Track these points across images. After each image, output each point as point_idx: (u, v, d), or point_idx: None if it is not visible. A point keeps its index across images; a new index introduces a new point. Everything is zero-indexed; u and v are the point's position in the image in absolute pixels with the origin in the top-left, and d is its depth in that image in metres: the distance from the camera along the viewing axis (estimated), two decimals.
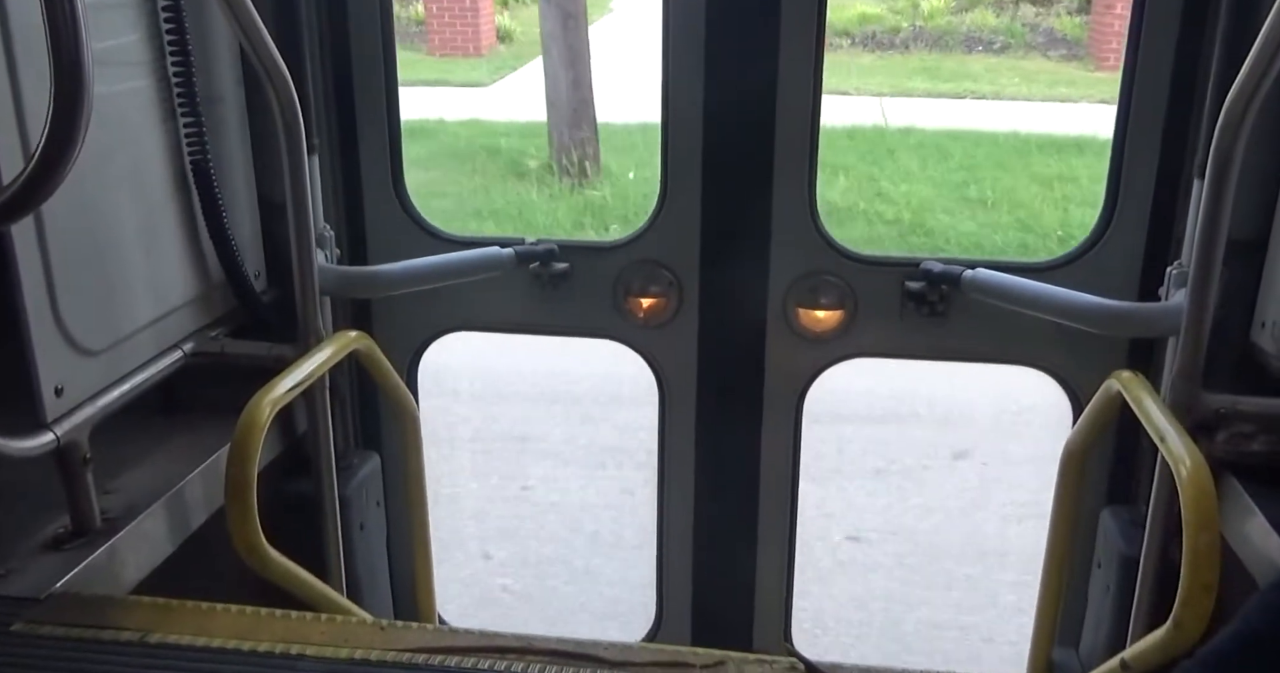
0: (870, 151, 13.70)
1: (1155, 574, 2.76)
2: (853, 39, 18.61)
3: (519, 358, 8.16)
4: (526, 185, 13.11)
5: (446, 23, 18.94)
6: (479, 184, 13.26)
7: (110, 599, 2.38)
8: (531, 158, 13.73)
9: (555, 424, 7.92)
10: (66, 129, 1.81)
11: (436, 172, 13.45)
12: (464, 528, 6.52)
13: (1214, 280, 2.53)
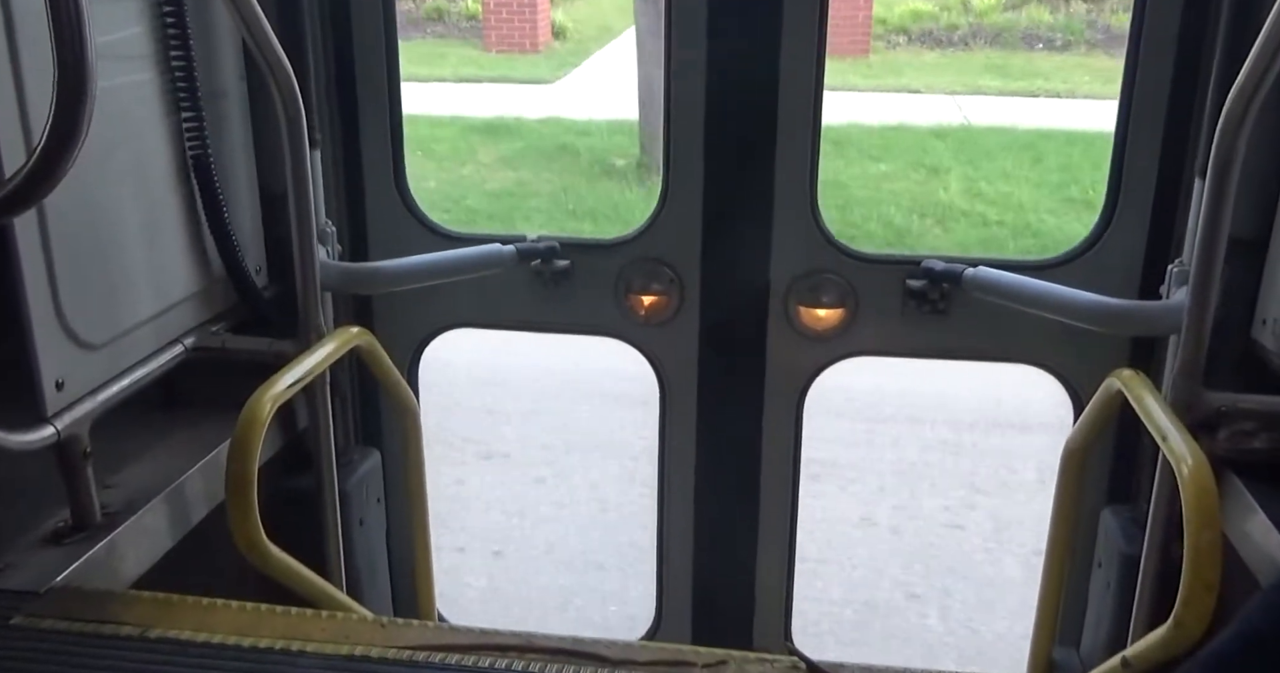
0: (962, 152, 13.59)
1: (1156, 573, 2.76)
2: (909, 36, 18.61)
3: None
4: (615, 184, 13.04)
5: (504, 19, 18.95)
6: (569, 183, 13.19)
7: (110, 594, 2.37)
8: (618, 156, 13.67)
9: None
10: (69, 123, 1.81)
11: (525, 171, 13.44)
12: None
13: (1215, 279, 2.53)
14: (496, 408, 8.13)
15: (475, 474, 7.18)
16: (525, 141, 14.38)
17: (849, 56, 17.69)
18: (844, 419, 7.72)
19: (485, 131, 14.80)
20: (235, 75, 3.06)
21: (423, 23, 20.41)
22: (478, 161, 14.00)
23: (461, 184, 13.25)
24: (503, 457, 7.49)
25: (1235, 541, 2.56)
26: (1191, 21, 2.90)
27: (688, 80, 3.21)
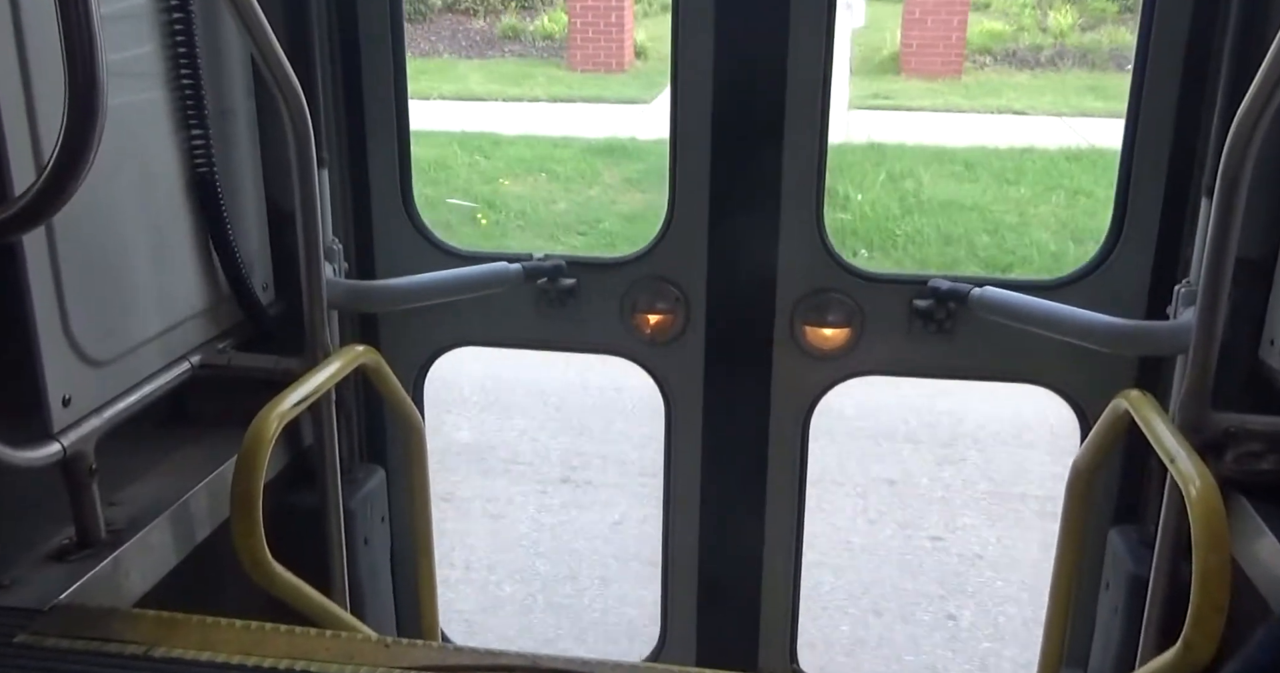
0: (1105, 176, 13.49)
1: (1165, 595, 2.75)
2: (994, 56, 18.60)
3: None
4: None
5: (589, 38, 19.00)
6: None
7: (114, 612, 2.36)
8: None
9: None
10: (80, 140, 1.82)
11: (652, 193, 13.36)
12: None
13: (1222, 299, 2.52)
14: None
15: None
16: (645, 163, 14.35)
17: (941, 77, 17.76)
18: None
19: (604, 153, 14.78)
20: (244, 93, 3.07)
21: (498, 42, 20.59)
22: (603, 183, 13.99)
23: (591, 206, 13.22)
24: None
25: (1244, 562, 2.55)
26: (1198, 42, 2.90)
27: (694, 101, 3.22)
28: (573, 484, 7.20)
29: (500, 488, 7.14)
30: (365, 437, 3.62)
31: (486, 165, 14.67)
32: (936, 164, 13.98)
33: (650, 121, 15.96)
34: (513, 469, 7.36)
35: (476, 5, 21.10)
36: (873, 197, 12.88)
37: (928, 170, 13.80)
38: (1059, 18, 19.13)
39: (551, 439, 7.84)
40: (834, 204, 12.72)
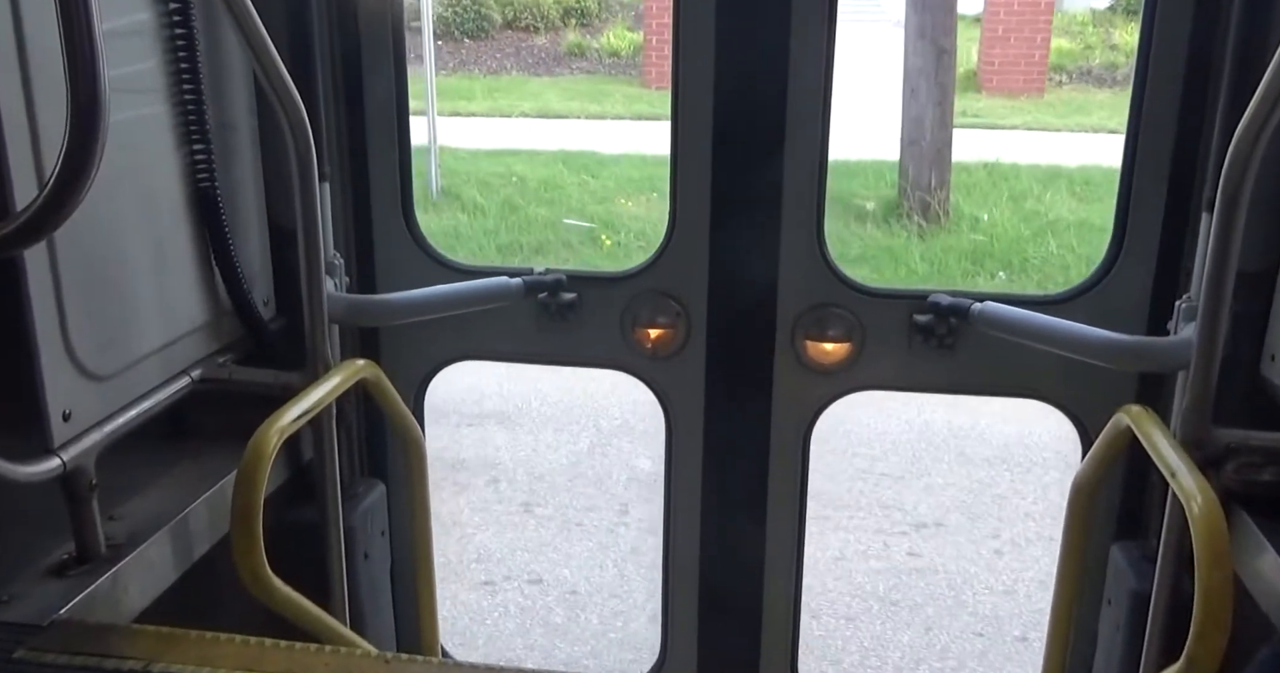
0: None
1: (1167, 611, 2.74)
2: (1068, 74, 18.57)
3: None
4: (870, 227, 12.84)
5: (665, 55, 19.07)
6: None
7: (113, 627, 2.36)
8: (864, 198, 13.47)
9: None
10: (82, 154, 1.82)
11: None
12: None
13: (1223, 314, 2.52)
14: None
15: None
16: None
17: (1023, 95, 17.72)
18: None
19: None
20: (246, 109, 3.08)
21: (564, 59, 20.68)
22: None
23: None
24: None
25: (1246, 578, 2.54)
26: (1198, 56, 2.91)
27: (695, 114, 3.22)
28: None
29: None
30: (365, 451, 3.61)
31: (596, 185, 14.61)
32: (1052, 183, 13.86)
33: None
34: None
35: (537, 22, 21.20)
36: (999, 217, 12.80)
37: (1047, 189, 13.67)
38: (1123, 35, 19.12)
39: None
40: (962, 225, 12.64)
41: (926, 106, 12.41)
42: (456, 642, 5.77)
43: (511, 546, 6.79)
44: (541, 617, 6.13)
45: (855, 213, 13.23)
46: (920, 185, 12.49)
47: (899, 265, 11.70)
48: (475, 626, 5.99)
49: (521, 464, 7.85)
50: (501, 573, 6.50)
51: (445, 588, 6.05)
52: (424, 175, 13.99)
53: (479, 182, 14.32)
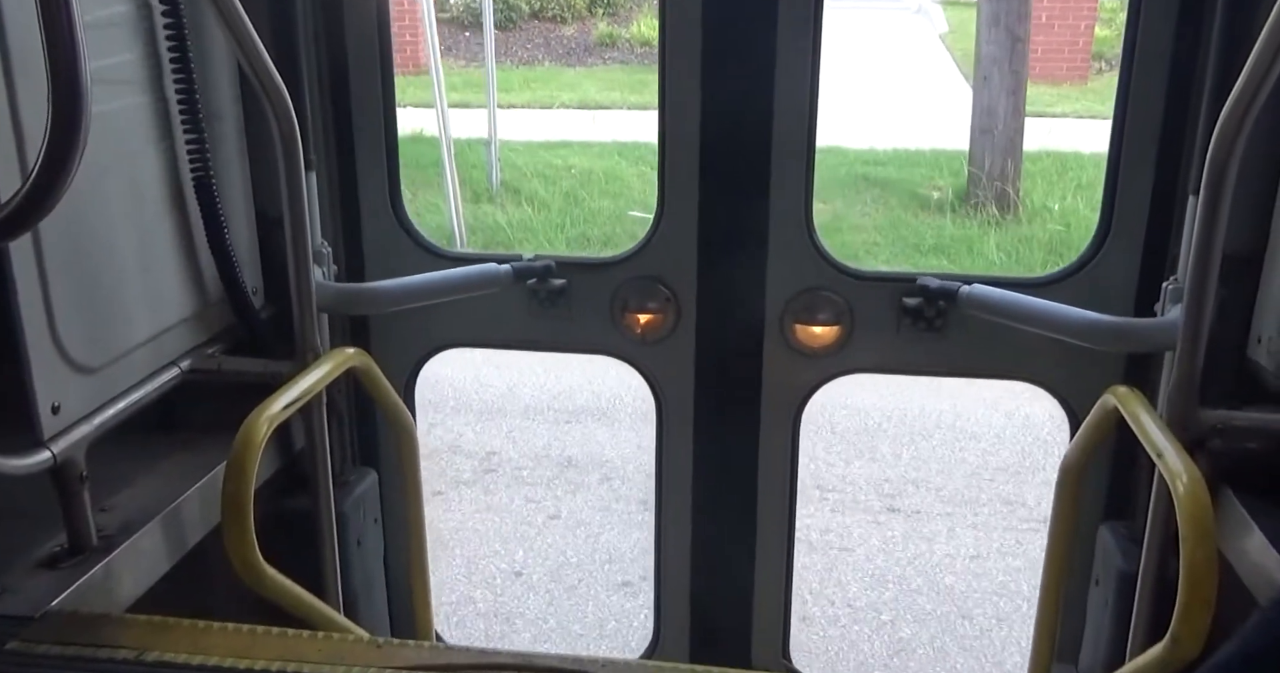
0: None
1: (1153, 590, 2.76)
2: (1107, 61, 18.43)
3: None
4: (940, 217, 12.71)
5: None
6: (891, 217, 12.81)
7: (106, 618, 2.37)
8: (931, 187, 13.35)
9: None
10: (64, 146, 1.82)
11: (834, 202, 13.15)
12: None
13: (1210, 296, 2.53)
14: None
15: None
16: (819, 172, 14.03)
17: (1066, 82, 17.56)
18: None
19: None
20: (230, 98, 3.07)
21: (595, 49, 20.56)
22: None
23: None
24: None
25: (1231, 557, 2.56)
26: (1184, 40, 2.91)
27: (682, 99, 3.22)
28: (900, 513, 7.07)
29: (826, 519, 6.96)
30: (357, 439, 3.62)
31: (654, 176, 14.38)
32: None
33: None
34: (829, 498, 7.21)
35: (564, 12, 21.09)
36: (1070, 206, 12.70)
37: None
38: None
39: (858, 468, 7.69)
40: (1034, 214, 12.53)
41: (1000, 95, 12.26)
42: (609, 646, 5.67)
43: (639, 545, 6.59)
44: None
45: (921, 202, 13.10)
46: (994, 174, 12.36)
47: (975, 256, 11.55)
48: (623, 628, 5.86)
49: (629, 461, 7.66)
50: (637, 574, 6.32)
51: (582, 589, 6.12)
52: (483, 168, 13.79)
53: (536, 174, 14.10)
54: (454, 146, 13.10)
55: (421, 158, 14.65)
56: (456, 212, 12.46)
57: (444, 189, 12.71)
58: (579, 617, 5.91)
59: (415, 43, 19.94)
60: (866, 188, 13.59)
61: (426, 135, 15.35)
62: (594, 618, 5.91)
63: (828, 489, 7.26)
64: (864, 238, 12.18)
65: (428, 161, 14.52)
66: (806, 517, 6.85)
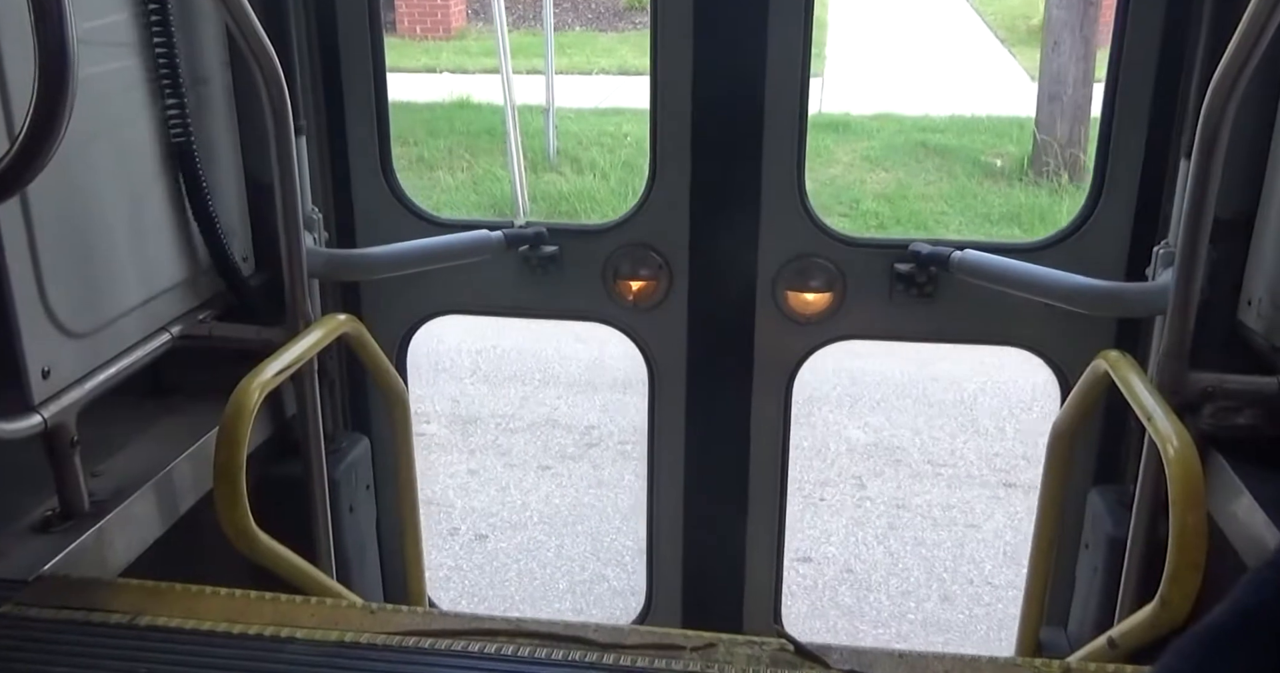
0: None
1: (1143, 553, 2.78)
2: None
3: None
4: (1004, 185, 12.54)
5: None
6: (956, 186, 12.59)
7: (99, 582, 2.37)
8: (993, 155, 13.19)
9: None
10: (51, 110, 1.80)
11: (896, 171, 13.00)
12: None
13: (1200, 260, 2.54)
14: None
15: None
16: (876, 140, 13.94)
17: (1106, 46, 17.47)
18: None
19: (825, 129, 14.25)
20: (219, 62, 3.05)
21: (625, 13, 20.40)
22: (840, 161, 13.47)
23: (838, 185, 12.75)
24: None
25: (1221, 520, 2.58)
26: (1178, 3, 2.90)
27: (674, 65, 3.20)
28: (1018, 488, 6.93)
29: (944, 494, 6.87)
30: (349, 406, 3.62)
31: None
32: None
33: (835, 96, 15.45)
34: (943, 472, 7.15)
35: None
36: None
37: None
38: None
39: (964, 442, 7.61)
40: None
41: (1070, 61, 12.08)
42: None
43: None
44: (828, 597, 5.87)
45: (984, 170, 12.95)
46: (1064, 141, 12.20)
47: (1047, 225, 11.28)
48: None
49: None
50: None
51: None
52: (537, 136, 13.53)
53: (593, 142, 13.87)
54: (503, 114, 12.95)
55: (471, 125, 14.46)
56: (520, 181, 12.27)
57: (508, 158, 12.39)
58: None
59: (446, 6, 19.76)
60: (926, 156, 13.47)
61: (474, 102, 15.21)
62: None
63: (939, 464, 7.21)
64: (931, 207, 12.08)
65: (477, 129, 14.33)
66: (923, 492, 6.87)
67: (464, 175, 13.18)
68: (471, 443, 7.54)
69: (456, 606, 5.64)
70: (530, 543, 6.37)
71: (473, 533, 6.46)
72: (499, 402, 8.13)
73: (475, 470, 7.17)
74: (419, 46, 18.85)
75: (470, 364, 8.67)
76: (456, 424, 7.82)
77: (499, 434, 7.65)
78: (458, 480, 7.05)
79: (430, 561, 6.01)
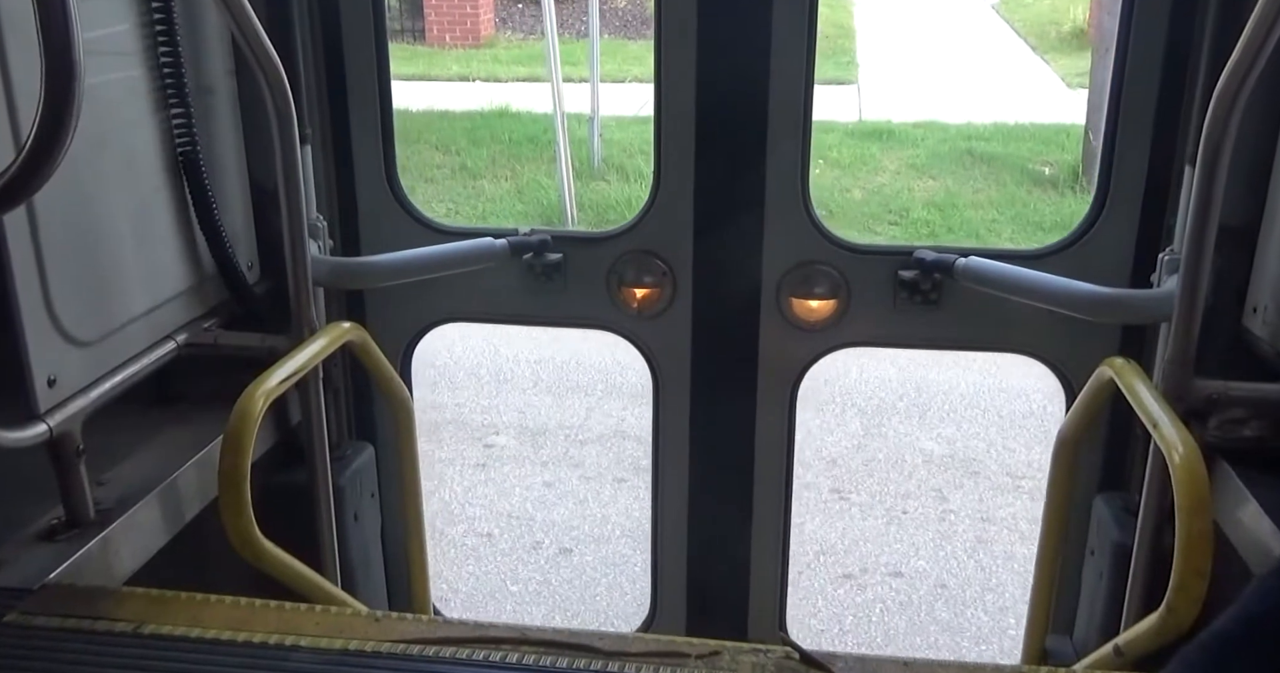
0: None
1: (1148, 561, 2.77)
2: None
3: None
4: (1047, 192, 12.51)
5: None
6: (1006, 194, 12.54)
7: (104, 590, 2.38)
8: (1041, 163, 13.17)
9: None
10: (57, 119, 1.81)
11: (944, 179, 12.95)
12: None
13: (1205, 266, 2.53)
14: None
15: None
16: (921, 148, 13.95)
17: None
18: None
19: (869, 137, 14.32)
20: (224, 71, 3.06)
21: (651, 21, 20.38)
22: (886, 169, 13.48)
23: (884, 193, 12.75)
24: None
25: (1226, 528, 2.57)
26: (1181, 9, 2.90)
27: (678, 73, 3.20)
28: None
29: (1030, 507, 6.72)
30: (354, 414, 3.62)
31: None
32: None
33: (872, 103, 15.45)
34: (1023, 485, 7.03)
35: None
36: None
37: None
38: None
39: (1039, 453, 7.48)
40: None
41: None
42: (851, 641, 5.53)
43: (847, 536, 6.47)
44: (925, 613, 5.77)
45: (1033, 178, 12.92)
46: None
47: None
48: (860, 622, 5.71)
49: (805, 448, 7.32)
50: (856, 566, 6.17)
51: (804, 583, 5.93)
52: (584, 145, 13.53)
53: (636, 150, 13.78)
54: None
55: (513, 133, 14.40)
56: (568, 189, 12.23)
57: (556, 165, 12.44)
58: (812, 612, 5.76)
59: (475, 15, 19.77)
60: (973, 164, 13.43)
61: (512, 111, 15.18)
62: (819, 608, 5.78)
63: (1018, 476, 7.13)
64: (982, 215, 12.03)
65: (520, 137, 14.28)
66: (1006, 505, 6.80)
67: (508, 184, 13.17)
68: (543, 455, 7.49)
69: (550, 621, 5.61)
70: (616, 557, 6.30)
71: (556, 547, 6.40)
72: (565, 413, 8.09)
73: (551, 483, 7.12)
74: (449, 55, 18.94)
75: (531, 375, 8.65)
76: (526, 436, 7.77)
77: (569, 446, 7.60)
78: (534, 493, 7.00)
79: (516, 575, 6.03)
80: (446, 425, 7.85)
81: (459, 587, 5.97)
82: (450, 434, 7.75)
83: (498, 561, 6.26)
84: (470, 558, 6.27)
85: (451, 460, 7.38)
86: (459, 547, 6.39)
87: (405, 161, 12.78)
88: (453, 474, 7.20)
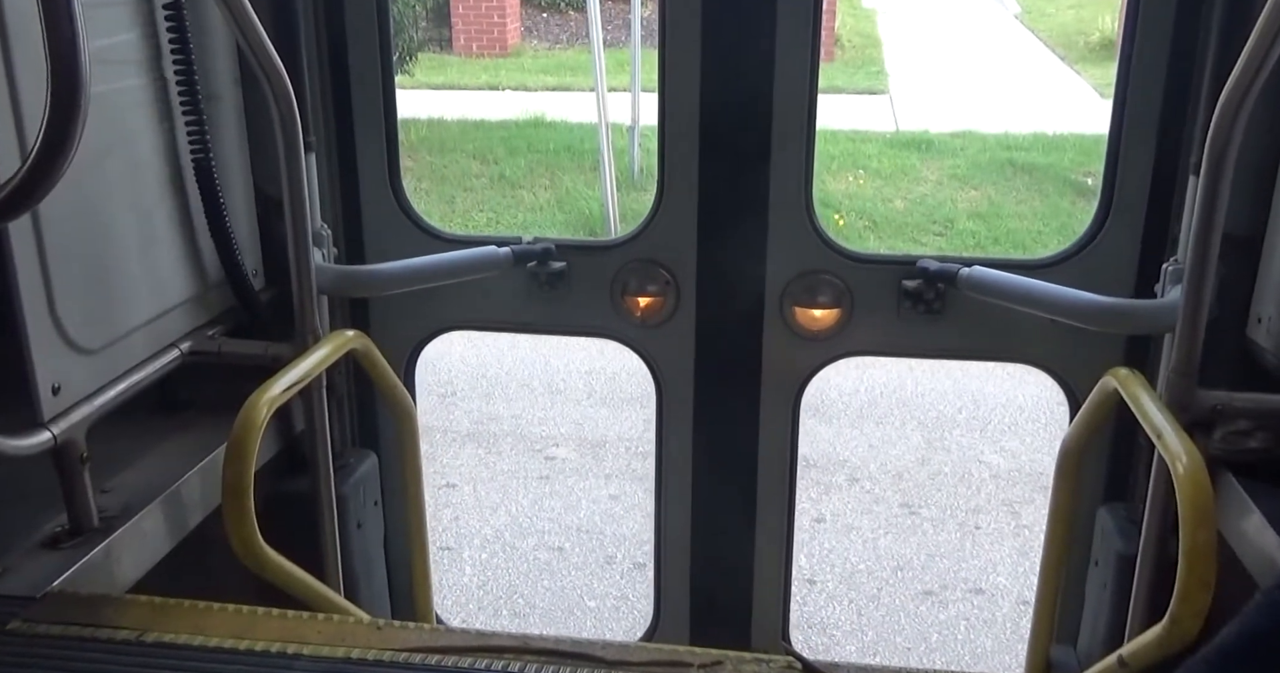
0: None
1: (1152, 572, 2.76)
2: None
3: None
4: (1089, 203, 12.07)
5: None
6: (1048, 205, 12.54)
7: (107, 598, 2.37)
8: (1083, 173, 13.18)
9: None
10: (63, 127, 1.81)
11: (986, 190, 12.93)
12: None
13: (1209, 276, 2.53)
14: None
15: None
16: (962, 158, 13.92)
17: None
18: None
19: (908, 147, 14.30)
20: (230, 79, 3.07)
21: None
22: (928, 180, 13.45)
23: (927, 204, 12.72)
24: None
25: (1230, 539, 2.56)
26: (1185, 19, 2.90)
27: (682, 83, 3.21)
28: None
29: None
30: (357, 422, 3.62)
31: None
32: None
33: (906, 113, 15.43)
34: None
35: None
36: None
37: None
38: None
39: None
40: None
41: None
42: (939, 659, 5.49)
43: (923, 551, 6.44)
44: (1011, 630, 5.69)
45: (1076, 189, 12.90)
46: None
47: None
48: (946, 640, 5.66)
49: (870, 461, 7.48)
50: (935, 582, 6.13)
51: (885, 600, 5.91)
52: (624, 155, 13.46)
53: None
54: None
55: (548, 143, 14.38)
56: (612, 199, 12.21)
57: (600, 175, 12.39)
58: (897, 629, 5.75)
59: (503, 24, 19.81)
60: (1015, 174, 13.41)
61: (547, 120, 15.15)
62: (912, 631, 5.72)
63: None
64: (1026, 226, 12.00)
65: (557, 146, 14.25)
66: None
67: (547, 194, 13.16)
68: (605, 468, 7.48)
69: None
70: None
71: (630, 562, 6.36)
72: (622, 425, 8.07)
73: (616, 496, 7.10)
74: (478, 64, 18.96)
75: (584, 387, 8.65)
76: (586, 448, 7.76)
77: (630, 458, 7.58)
78: (601, 506, 6.97)
79: (593, 590, 5.98)
80: (505, 437, 7.85)
81: (535, 602, 5.93)
82: (510, 446, 7.74)
83: (571, 575, 6.22)
84: (544, 573, 6.24)
85: (514, 473, 7.37)
86: (531, 561, 6.36)
87: (443, 170, 12.86)
88: (517, 486, 7.19)
